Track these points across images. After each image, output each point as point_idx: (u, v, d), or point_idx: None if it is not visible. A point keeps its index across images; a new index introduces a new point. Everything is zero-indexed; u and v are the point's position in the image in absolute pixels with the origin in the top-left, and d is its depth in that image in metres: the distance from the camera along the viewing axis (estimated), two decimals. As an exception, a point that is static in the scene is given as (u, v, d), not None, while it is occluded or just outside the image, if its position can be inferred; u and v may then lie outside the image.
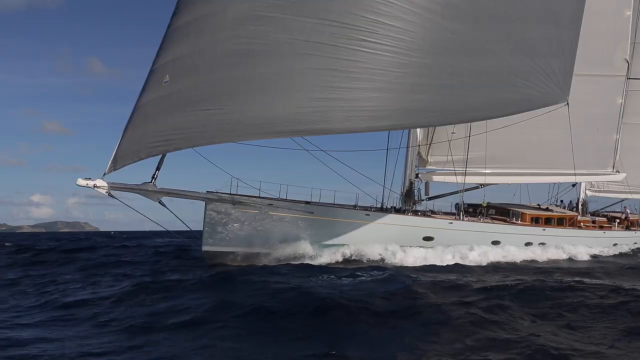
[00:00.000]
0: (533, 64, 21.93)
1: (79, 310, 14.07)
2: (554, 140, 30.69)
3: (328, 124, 18.40)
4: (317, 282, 18.10)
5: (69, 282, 19.19)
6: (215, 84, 18.64)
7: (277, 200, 24.18)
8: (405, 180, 29.70)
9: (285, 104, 18.30)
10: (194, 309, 13.60)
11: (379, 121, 18.90)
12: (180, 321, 12.45)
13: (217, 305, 13.89)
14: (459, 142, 29.45)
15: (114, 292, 16.26)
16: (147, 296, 15.30)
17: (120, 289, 16.73)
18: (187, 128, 18.87)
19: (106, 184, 20.60)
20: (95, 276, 20.24)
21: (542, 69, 22.37)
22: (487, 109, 20.92)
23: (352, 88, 18.50)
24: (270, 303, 13.76)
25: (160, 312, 13.49)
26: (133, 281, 18.22)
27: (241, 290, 16.05)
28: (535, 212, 32.49)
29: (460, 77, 19.87)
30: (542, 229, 30.92)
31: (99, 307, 14.41)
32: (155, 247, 33.53)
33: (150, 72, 20.40)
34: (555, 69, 22.98)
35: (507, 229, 29.62)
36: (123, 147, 20.13)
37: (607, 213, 39.02)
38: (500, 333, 11.55)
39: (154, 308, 14.06)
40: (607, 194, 39.31)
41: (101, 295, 15.94)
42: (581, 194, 38.70)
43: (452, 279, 18.91)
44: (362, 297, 14.44)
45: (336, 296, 14.40)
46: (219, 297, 14.85)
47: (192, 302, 14.33)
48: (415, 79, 19.09)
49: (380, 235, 25.69)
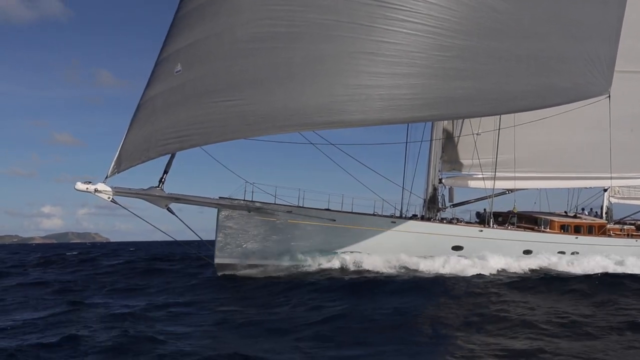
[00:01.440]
0: (582, 48, 19.98)
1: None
2: (583, 142, 28.70)
3: (365, 114, 16.22)
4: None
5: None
6: (235, 71, 16.41)
7: (298, 208, 21.87)
8: (428, 185, 27.48)
9: (317, 93, 16.10)
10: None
11: (422, 111, 16.75)
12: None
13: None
14: (483, 144, 27.32)
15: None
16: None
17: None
18: (204, 122, 16.60)
19: (109, 189, 18.21)
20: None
21: (589, 55, 20.42)
22: (534, 98, 18.87)
23: (392, 74, 16.37)
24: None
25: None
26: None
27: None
28: (564, 219, 30.37)
29: (508, 61, 17.84)
30: (574, 237, 28.77)
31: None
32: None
33: (157, 62, 18.14)
34: (601, 55, 21.04)
35: (539, 238, 27.44)
36: (128, 146, 17.79)
37: (633, 221, 36.97)
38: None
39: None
40: (631, 200, 37.28)
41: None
42: (604, 200, 36.66)
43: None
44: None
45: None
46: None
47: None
48: (459, 64, 17.01)
49: (408, 243, 23.46)
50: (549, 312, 12.92)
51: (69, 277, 22.50)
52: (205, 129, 16.58)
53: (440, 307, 13.60)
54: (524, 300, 14.58)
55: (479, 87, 17.36)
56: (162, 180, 19.32)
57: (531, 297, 15.35)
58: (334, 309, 13.11)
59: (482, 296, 15.31)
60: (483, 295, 15.40)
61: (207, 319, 12.47)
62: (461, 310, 13.17)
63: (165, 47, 18.01)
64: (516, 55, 17.95)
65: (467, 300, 14.57)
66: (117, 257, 36.12)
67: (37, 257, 39.37)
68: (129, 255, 40.41)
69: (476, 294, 15.63)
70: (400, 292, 15.87)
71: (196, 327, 11.50)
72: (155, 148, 17.26)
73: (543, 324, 11.43)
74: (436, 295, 15.26)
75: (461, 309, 13.25)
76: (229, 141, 17.02)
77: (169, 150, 17.31)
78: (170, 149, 17.22)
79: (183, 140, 16.85)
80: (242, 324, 11.72)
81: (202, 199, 20.57)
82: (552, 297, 15.46)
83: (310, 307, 13.58)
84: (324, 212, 22.48)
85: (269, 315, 12.68)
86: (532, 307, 13.54)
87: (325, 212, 22.46)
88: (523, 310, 13.21)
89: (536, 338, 10.39)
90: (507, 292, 15.81)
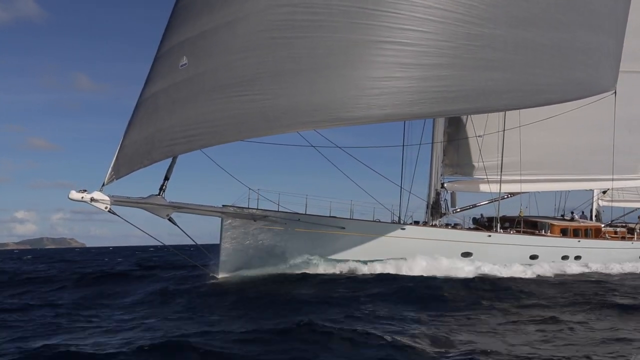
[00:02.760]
0: (597, 40, 19.27)
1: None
2: (584, 143, 28.12)
3: (396, 108, 14.95)
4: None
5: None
6: (252, 64, 14.92)
7: (305, 216, 20.41)
8: (431, 190, 26.36)
9: (343, 86, 14.75)
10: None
11: (453, 104, 15.59)
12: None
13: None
14: (486, 147, 26.43)
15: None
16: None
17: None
18: (216, 120, 15.03)
19: (107, 198, 16.41)
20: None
21: (602, 47, 19.73)
22: (560, 91, 18.00)
23: (420, 65, 15.19)
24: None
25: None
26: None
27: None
28: (564, 223, 29.70)
29: (534, 52, 16.90)
30: (577, 241, 28.10)
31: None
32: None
33: (158, 56, 16.54)
34: (611, 49, 20.39)
35: (544, 242, 26.62)
36: (127, 149, 16.07)
37: (623, 223, 36.73)
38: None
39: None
40: (618, 203, 37.02)
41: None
42: (594, 203, 36.34)
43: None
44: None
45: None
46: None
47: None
48: (489, 54, 15.97)
49: (418, 250, 22.26)
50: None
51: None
52: (218, 127, 15.01)
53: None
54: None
55: (508, 78, 16.37)
56: (162, 187, 17.59)
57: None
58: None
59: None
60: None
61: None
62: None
63: (167, 39, 16.42)
64: (542, 45, 17.05)
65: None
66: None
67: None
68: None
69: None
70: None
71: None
72: (159, 150, 15.58)
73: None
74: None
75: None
76: (243, 140, 15.47)
77: (175, 152, 15.65)
78: (177, 151, 15.56)
79: (192, 140, 15.23)
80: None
81: (206, 207, 18.90)
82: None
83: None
84: (333, 219, 21.09)
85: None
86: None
87: (334, 220, 21.07)
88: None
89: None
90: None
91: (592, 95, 20.09)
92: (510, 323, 11.23)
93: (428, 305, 13.32)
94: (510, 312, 12.72)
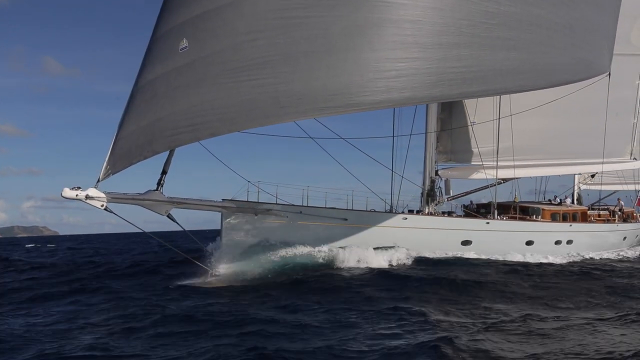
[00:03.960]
0: (600, 20, 18.87)
1: None
2: (572, 127, 27.94)
3: (415, 91, 14.14)
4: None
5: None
6: (262, 45, 13.85)
7: (308, 208, 19.50)
8: (425, 178, 25.74)
9: (361, 68, 13.84)
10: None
11: (472, 86, 14.86)
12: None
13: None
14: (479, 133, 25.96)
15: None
16: None
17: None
18: (224, 106, 13.93)
19: (103, 195, 15.16)
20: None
21: (603, 28, 19.33)
22: (572, 71, 17.49)
23: (439, 44, 14.41)
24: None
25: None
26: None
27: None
28: (553, 208, 29.55)
29: (548, 30, 16.34)
30: (569, 225, 27.95)
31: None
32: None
33: (154, 39, 15.32)
34: (609, 30, 20.03)
35: (540, 227, 26.34)
36: (124, 141, 14.85)
37: (605, 206, 36.99)
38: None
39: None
40: (600, 186, 37.25)
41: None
42: (575, 187, 36.48)
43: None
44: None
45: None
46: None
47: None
48: (505, 33, 15.30)
49: (422, 240, 21.68)
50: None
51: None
52: (227, 114, 13.92)
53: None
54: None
55: (524, 58, 15.76)
56: (160, 182, 16.43)
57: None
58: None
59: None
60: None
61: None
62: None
63: (163, 21, 15.19)
64: (554, 23, 16.49)
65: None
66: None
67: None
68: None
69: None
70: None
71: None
72: (161, 140, 14.41)
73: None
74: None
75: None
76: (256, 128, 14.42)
77: (180, 142, 14.48)
78: (182, 140, 14.39)
79: (198, 128, 14.10)
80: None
81: (206, 202, 17.79)
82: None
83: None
84: (336, 211, 20.24)
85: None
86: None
87: (337, 212, 20.23)
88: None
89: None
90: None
91: (597, 76, 19.70)
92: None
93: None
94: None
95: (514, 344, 8.67)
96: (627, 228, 33.52)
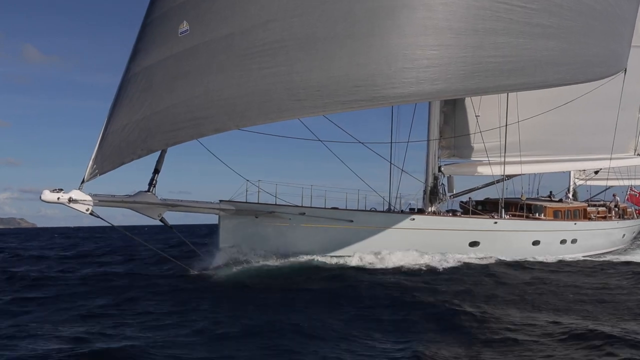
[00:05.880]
0: (628, 9, 17.48)
1: None
2: (576, 122, 26.71)
3: (448, 82, 12.50)
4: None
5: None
6: (275, 29, 12.05)
7: (311, 209, 17.83)
8: (428, 175, 24.23)
9: (388, 56, 12.14)
10: None
11: (510, 78, 13.28)
12: None
13: None
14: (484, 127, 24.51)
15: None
16: None
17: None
18: (231, 98, 12.12)
19: (88, 197, 13.23)
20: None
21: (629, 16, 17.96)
22: (606, 64, 16.10)
23: (474, 30, 12.79)
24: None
25: None
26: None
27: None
28: (555, 205, 28.39)
29: (587, 17, 14.87)
30: (573, 223, 26.82)
31: None
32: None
33: (148, 21, 13.39)
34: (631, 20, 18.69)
35: (546, 227, 25.14)
36: (114, 137, 12.94)
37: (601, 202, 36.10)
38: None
39: None
40: (596, 181, 36.33)
41: None
42: (571, 182, 35.45)
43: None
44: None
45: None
46: None
47: None
48: (545, 19, 13.75)
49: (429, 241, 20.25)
50: None
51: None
52: (235, 107, 12.12)
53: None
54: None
55: (564, 48, 14.25)
56: (153, 182, 14.56)
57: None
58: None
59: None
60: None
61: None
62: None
63: (159, 0, 13.29)
64: (593, 9, 15.03)
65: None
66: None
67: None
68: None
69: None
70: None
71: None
72: (158, 136, 12.54)
73: None
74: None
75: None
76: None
77: (180, 139, 12.62)
78: (182, 137, 12.53)
79: (201, 123, 12.27)
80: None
81: (202, 204, 15.96)
82: None
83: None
84: (340, 212, 18.61)
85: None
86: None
87: (341, 213, 18.59)
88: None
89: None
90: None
91: (622, 70, 18.35)
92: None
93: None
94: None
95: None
96: (626, 225, 32.70)
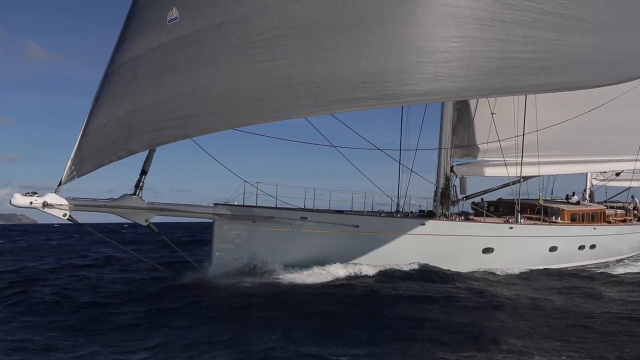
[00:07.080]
0: None
1: None
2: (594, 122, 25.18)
3: (471, 80, 11.07)
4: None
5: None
6: (273, 18, 10.68)
7: (313, 214, 16.49)
8: (440, 175, 22.78)
9: (402, 49, 10.72)
10: None
11: (539, 77, 11.81)
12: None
13: None
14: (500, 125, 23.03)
15: None
16: None
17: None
18: (222, 94, 10.78)
19: (64, 202, 11.93)
20: None
21: None
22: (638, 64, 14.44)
23: (500, 21, 11.33)
24: None
25: None
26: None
27: None
28: (572, 208, 26.90)
29: (622, 12, 13.36)
30: (592, 228, 25.34)
31: None
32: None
33: (135, 8, 12.00)
34: None
35: (565, 232, 23.71)
36: (94, 136, 11.61)
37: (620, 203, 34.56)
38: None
39: None
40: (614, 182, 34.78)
41: None
42: (587, 183, 33.97)
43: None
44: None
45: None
46: None
47: None
48: (579, 11, 12.29)
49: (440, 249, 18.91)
50: None
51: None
52: (225, 105, 10.78)
53: None
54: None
55: (597, 45, 12.77)
56: (139, 185, 13.24)
57: None
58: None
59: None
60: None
61: None
62: None
63: None
64: (629, 3, 13.49)
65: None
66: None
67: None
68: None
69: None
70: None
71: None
72: (140, 136, 11.21)
73: None
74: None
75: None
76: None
77: (163, 140, 11.30)
78: (166, 138, 11.20)
79: (188, 122, 10.93)
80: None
81: (195, 208, 14.64)
82: None
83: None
84: (345, 217, 17.25)
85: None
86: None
87: (346, 217, 17.23)
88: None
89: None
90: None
91: None
92: None
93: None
94: None
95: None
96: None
